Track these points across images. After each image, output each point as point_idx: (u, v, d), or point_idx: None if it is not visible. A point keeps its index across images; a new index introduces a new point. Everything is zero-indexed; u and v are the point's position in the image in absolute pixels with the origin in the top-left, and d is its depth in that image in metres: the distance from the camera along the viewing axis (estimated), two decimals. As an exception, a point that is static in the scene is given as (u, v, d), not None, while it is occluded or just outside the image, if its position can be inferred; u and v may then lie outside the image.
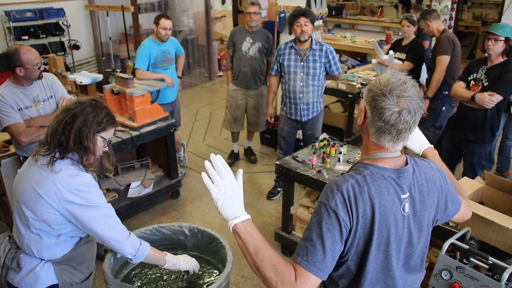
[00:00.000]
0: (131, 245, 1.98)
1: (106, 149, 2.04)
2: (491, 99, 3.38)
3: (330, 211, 1.37)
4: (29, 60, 2.84)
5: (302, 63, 4.01)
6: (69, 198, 1.83)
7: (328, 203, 1.38)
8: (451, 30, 9.47)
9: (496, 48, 3.36)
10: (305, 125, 4.25)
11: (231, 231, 1.39)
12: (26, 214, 1.89)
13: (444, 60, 4.28)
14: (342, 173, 3.08)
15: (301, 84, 4.04)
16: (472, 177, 3.33)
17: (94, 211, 1.89)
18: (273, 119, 4.55)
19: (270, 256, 1.34)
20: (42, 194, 1.83)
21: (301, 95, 4.07)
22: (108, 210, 1.94)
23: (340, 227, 1.36)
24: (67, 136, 1.86)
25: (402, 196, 1.42)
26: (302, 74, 4.02)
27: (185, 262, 2.25)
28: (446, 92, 4.36)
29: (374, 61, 5.21)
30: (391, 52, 5.04)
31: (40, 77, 2.97)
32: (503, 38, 3.33)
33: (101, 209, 1.91)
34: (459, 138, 3.74)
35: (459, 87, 3.62)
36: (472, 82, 3.57)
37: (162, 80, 4.41)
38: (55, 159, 1.87)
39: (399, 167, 1.45)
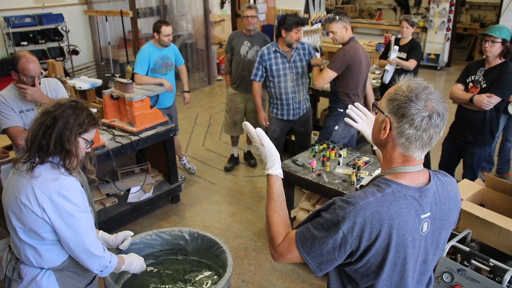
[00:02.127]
0: (103, 262, 1.94)
1: (89, 150, 2.00)
2: (489, 101, 3.38)
3: (336, 220, 1.32)
4: (24, 71, 2.89)
5: (290, 65, 4.12)
6: (49, 203, 1.79)
7: (339, 211, 1.33)
8: (449, 33, 9.53)
9: (493, 50, 3.37)
10: (297, 123, 4.35)
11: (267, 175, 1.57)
12: (14, 224, 1.86)
13: (329, 74, 3.75)
14: (343, 180, 3.11)
15: (292, 84, 4.16)
16: (472, 178, 3.35)
17: (71, 222, 1.83)
18: (267, 123, 4.52)
19: (283, 214, 1.54)
20: (24, 202, 1.80)
21: (294, 95, 4.19)
22: (85, 223, 1.87)
23: (336, 239, 1.32)
24: (47, 140, 1.82)
25: (422, 216, 1.37)
26: (291, 75, 4.14)
27: (138, 263, 2.23)
28: (342, 110, 3.87)
29: (387, 67, 5.16)
30: (395, 47, 5.04)
31: (33, 85, 2.97)
32: (500, 40, 3.34)
33: (78, 221, 1.84)
34: (459, 140, 3.74)
35: (457, 89, 3.63)
36: (470, 84, 3.57)
37: (161, 85, 4.41)
38: (34, 164, 1.83)
39: (422, 184, 1.39)
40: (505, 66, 3.41)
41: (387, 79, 5.06)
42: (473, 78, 3.55)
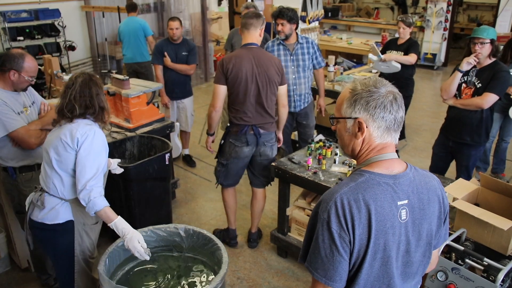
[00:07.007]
0: (87, 194, 2.28)
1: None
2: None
3: (324, 223, 1.36)
4: (28, 69, 2.75)
5: (291, 57, 4.23)
6: (80, 138, 2.28)
7: (322, 214, 1.37)
8: (446, 32, 9.56)
9: (483, 51, 3.41)
10: (299, 115, 4.46)
11: None
12: (51, 156, 2.32)
13: (218, 89, 3.43)
14: (339, 178, 3.12)
15: (293, 76, 4.25)
16: (467, 179, 3.33)
17: (84, 156, 2.29)
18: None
19: None
20: (63, 138, 2.29)
21: (294, 87, 4.27)
22: (93, 162, 2.30)
23: (334, 239, 1.34)
24: (92, 104, 2.36)
25: (399, 203, 1.39)
26: (293, 67, 4.23)
27: (133, 236, 2.31)
28: (228, 125, 3.63)
29: (371, 55, 5.16)
30: (378, 57, 5.06)
31: (25, 90, 2.89)
32: (488, 41, 3.38)
33: (90, 159, 2.30)
34: (453, 142, 3.69)
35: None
36: (464, 85, 3.58)
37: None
38: (76, 117, 2.33)
39: (397, 172, 1.42)
40: (497, 65, 3.44)
41: (379, 67, 5.12)
42: (466, 79, 3.56)
